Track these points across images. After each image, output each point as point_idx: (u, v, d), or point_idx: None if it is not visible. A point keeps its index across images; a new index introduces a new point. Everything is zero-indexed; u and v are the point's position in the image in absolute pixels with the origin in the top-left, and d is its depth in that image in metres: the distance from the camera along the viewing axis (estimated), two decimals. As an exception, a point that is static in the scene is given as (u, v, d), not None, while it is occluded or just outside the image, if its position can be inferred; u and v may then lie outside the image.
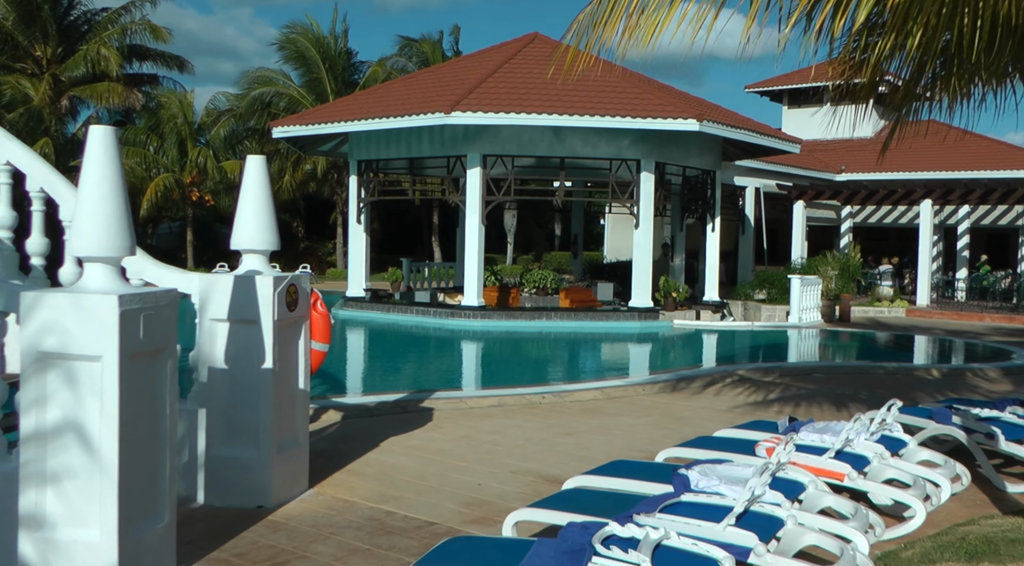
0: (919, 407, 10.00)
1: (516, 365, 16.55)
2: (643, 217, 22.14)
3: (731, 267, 37.81)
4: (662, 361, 17.95)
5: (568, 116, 20.08)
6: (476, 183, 21.39)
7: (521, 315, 21.43)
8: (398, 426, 9.86)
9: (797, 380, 14.22)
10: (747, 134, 22.88)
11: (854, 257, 28.28)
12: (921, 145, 35.81)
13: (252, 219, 6.77)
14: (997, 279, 31.70)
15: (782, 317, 25.75)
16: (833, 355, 19.23)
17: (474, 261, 21.59)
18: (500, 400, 11.44)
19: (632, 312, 22.02)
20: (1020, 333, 23.32)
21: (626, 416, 11.02)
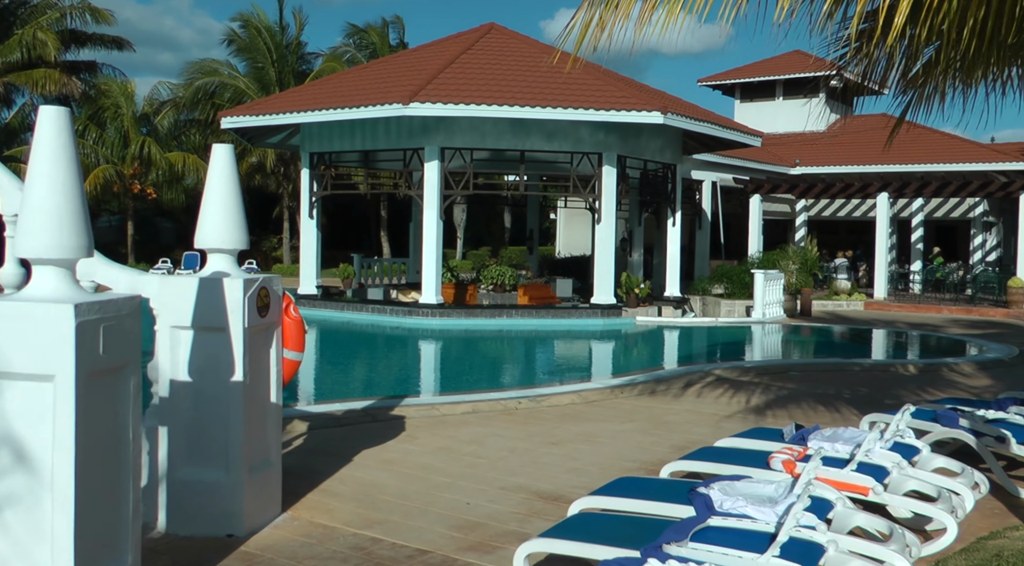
0: (920, 408, 9.53)
1: (484, 367, 15.87)
2: (605, 212, 21.58)
3: (687, 261, 37.49)
4: (633, 360, 17.38)
5: (530, 108, 19.44)
6: (434, 177, 20.67)
7: (481, 313, 20.76)
8: (370, 437, 9.16)
9: (775, 379, 13.75)
10: (709, 127, 22.43)
11: (811, 251, 28.02)
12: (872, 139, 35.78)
13: (219, 215, 6.04)
14: (951, 271, 31.70)
15: (742, 312, 25.39)
16: (805, 352, 18.84)
17: (432, 257, 20.88)
18: (474, 406, 10.78)
19: (594, 309, 21.45)
20: (980, 325, 23.17)
21: (609, 422, 10.42)
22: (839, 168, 34.71)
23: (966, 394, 12.95)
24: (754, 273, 23.11)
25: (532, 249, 31.40)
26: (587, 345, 19.49)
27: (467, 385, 13.18)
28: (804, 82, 40.34)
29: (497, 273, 24.03)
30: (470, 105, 19.22)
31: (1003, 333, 21.30)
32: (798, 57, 41.86)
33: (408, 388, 12.90)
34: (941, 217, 34.74)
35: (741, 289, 26.39)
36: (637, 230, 28.04)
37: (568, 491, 7.51)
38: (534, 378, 14.10)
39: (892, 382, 13.85)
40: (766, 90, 41.29)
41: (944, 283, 30.85)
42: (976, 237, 33.80)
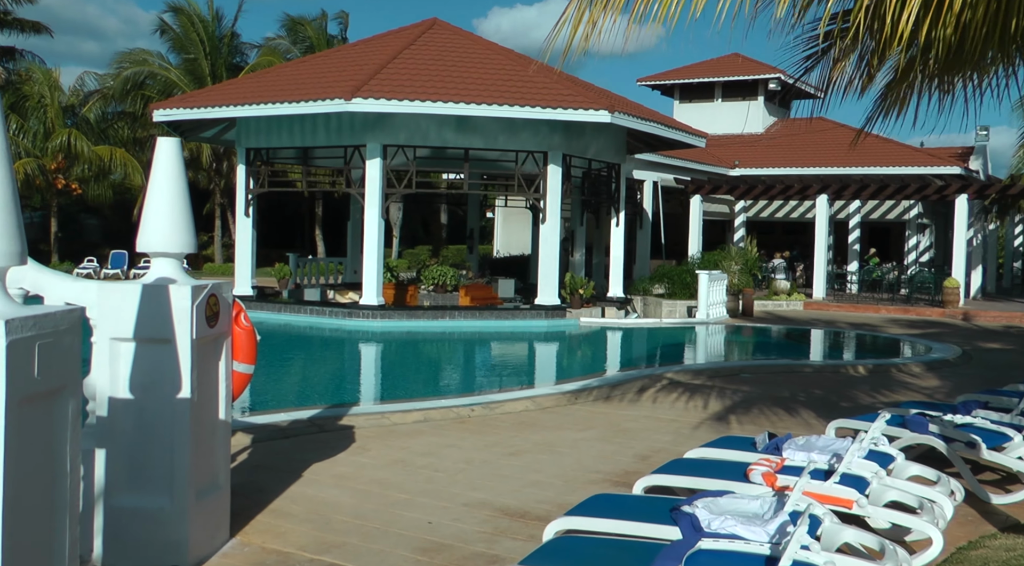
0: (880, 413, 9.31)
1: (431, 371, 15.38)
2: (551, 211, 21.24)
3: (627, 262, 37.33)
4: (582, 364, 17.03)
5: (476, 105, 19.00)
6: (376, 175, 20.13)
7: (423, 314, 20.28)
8: (319, 449, 8.67)
9: (728, 382, 13.52)
10: (656, 127, 22.21)
11: (752, 251, 28.01)
12: (809, 142, 35.94)
13: (165, 216, 5.52)
14: (886, 271, 31.97)
15: (683, 312, 25.24)
16: (753, 353, 18.66)
17: (374, 257, 20.34)
18: (425, 414, 10.33)
19: (539, 310, 21.09)
20: (918, 324, 23.30)
21: (567, 430, 10.04)
22: (778, 170, 34.85)
23: (919, 395, 12.84)
24: (698, 274, 22.96)
25: (472, 248, 30.97)
26: (534, 347, 19.13)
27: (415, 391, 12.71)
28: (743, 85, 40.50)
29: (438, 273, 23.56)
30: (414, 101, 18.73)
31: (942, 332, 21.40)
32: (737, 59, 42.04)
33: (355, 395, 12.38)
34: (877, 219, 35.07)
35: (682, 289, 26.25)
36: (579, 230, 27.75)
37: (534, 506, 7.12)
38: (484, 383, 13.66)
39: (844, 384, 13.70)
40: (705, 91, 41.36)
41: (880, 283, 31.08)
42: (911, 238, 34.17)
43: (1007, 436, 8.23)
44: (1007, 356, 17.56)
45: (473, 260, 30.32)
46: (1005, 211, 33.78)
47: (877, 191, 28.55)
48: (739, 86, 40.62)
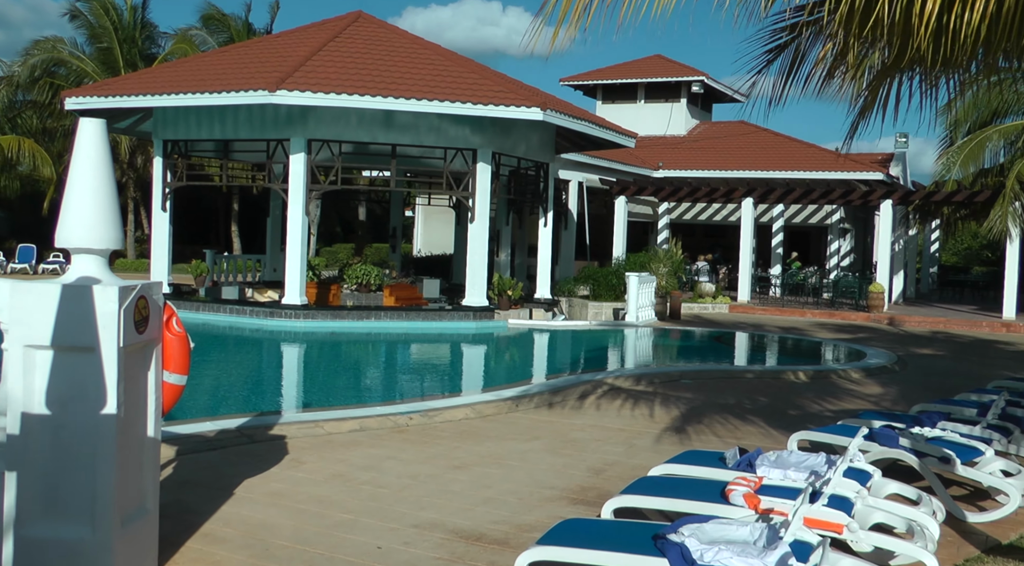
0: (846, 424, 8.98)
1: (361, 375, 14.63)
2: (480, 210, 20.67)
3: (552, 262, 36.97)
4: (516, 367, 16.48)
5: (405, 100, 18.33)
6: (300, 170, 19.33)
7: (347, 315, 19.54)
8: (250, 463, 8.00)
9: (670, 388, 13.14)
10: (587, 126, 21.80)
11: (676, 253, 27.79)
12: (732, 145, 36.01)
13: (89, 206, 4.85)
14: (808, 275, 32.12)
15: (608, 314, 24.93)
16: (689, 357, 18.31)
17: (297, 255, 19.53)
18: (361, 423, 9.70)
19: (466, 311, 20.52)
20: (846, 328, 23.33)
21: (512, 440, 9.51)
22: (701, 172, 34.82)
23: (864, 403, 12.62)
24: (627, 276, 22.61)
25: (395, 247, 30.19)
26: (465, 350, 18.54)
27: (347, 397, 12.00)
28: (667, 86, 40.45)
29: (362, 272, 22.84)
30: (341, 95, 17.98)
31: (872, 337, 21.41)
32: (659, 62, 42.01)
33: (284, 401, 11.62)
34: (799, 223, 35.27)
35: (608, 291, 25.93)
36: (504, 230, 27.24)
37: (490, 528, 6.58)
38: (419, 389, 13.00)
39: (788, 390, 13.43)
40: (628, 93, 41.21)
41: (802, 287, 31.19)
42: (833, 243, 34.42)
43: (978, 450, 7.95)
44: (942, 362, 17.53)
45: (396, 259, 29.59)
46: (927, 217, 34.22)
47: (803, 195, 28.62)
48: (662, 88, 40.57)
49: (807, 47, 8.87)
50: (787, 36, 8.62)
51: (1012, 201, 24.65)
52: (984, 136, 26.31)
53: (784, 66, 8.94)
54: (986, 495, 8.09)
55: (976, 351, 19.82)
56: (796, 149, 35.77)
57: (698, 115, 41.89)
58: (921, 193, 27.28)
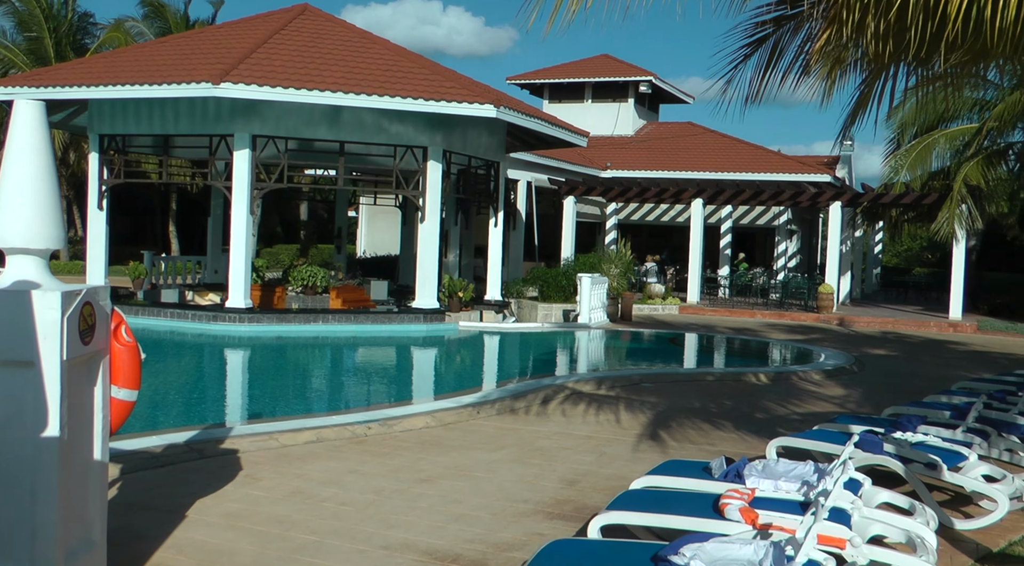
0: (823, 429, 8.66)
1: (312, 382, 13.98)
2: (430, 210, 20.15)
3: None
4: (472, 372, 15.98)
5: (355, 95, 17.75)
6: (244, 167, 18.64)
7: (293, 318, 18.89)
8: (202, 480, 7.45)
9: (632, 392, 12.78)
10: (540, 124, 21.38)
11: (626, 254, 27.48)
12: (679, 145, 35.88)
13: (27, 200, 4.29)
14: (756, 275, 32.06)
15: (559, 316, 24.58)
16: (647, 360, 17.98)
17: (241, 257, 18.83)
18: (318, 433, 9.17)
19: (416, 313, 19.98)
20: (797, 329, 23.22)
21: (477, 449, 9.05)
22: (649, 173, 34.60)
23: (829, 404, 12.37)
24: (580, 277, 22.23)
25: (341, 248, 29.46)
26: (417, 354, 18.01)
27: (300, 405, 11.41)
28: (614, 86, 40.23)
29: (308, 274, 22.18)
30: (288, 89, 17.35)
31: (825, 338, 21.30)
32: (606, 61, 41.79)
33: (234, 412, 10.98)
34: (747, 224, 35.23)
35: (557, 292, 25.57)
36: (453, 230, 26.73)
37: (465, 548, 6.13)
38: (375, 395, 12.43)
39: (750, 393, 13.15)
40: (575, 92, 40.92)
41: (750, 288, 31.10)
42: (780, 244, 34.42)
43: (962, 455, 7.67)
44: (897, 363, 17.41)
45: (342, 260, 28.89)
46: (874, 219, 34.37)
47: (752, 196, 28.51)
48: (610, 87, 40.33)
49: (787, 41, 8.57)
50: (769, 29, 8.30)
51: (959, 204, 24.76)
52: (931, 140, 26.44)
53: (762, 61, 8.64)
54: (968, 500, 7.84)
55: (928, 351, 19.78)
56: (744, 151, 35.73)
57: (645, 115, 41.73)
58: (870, 195, 27.30)
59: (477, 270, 33.45)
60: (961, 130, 26.68)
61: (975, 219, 24.79)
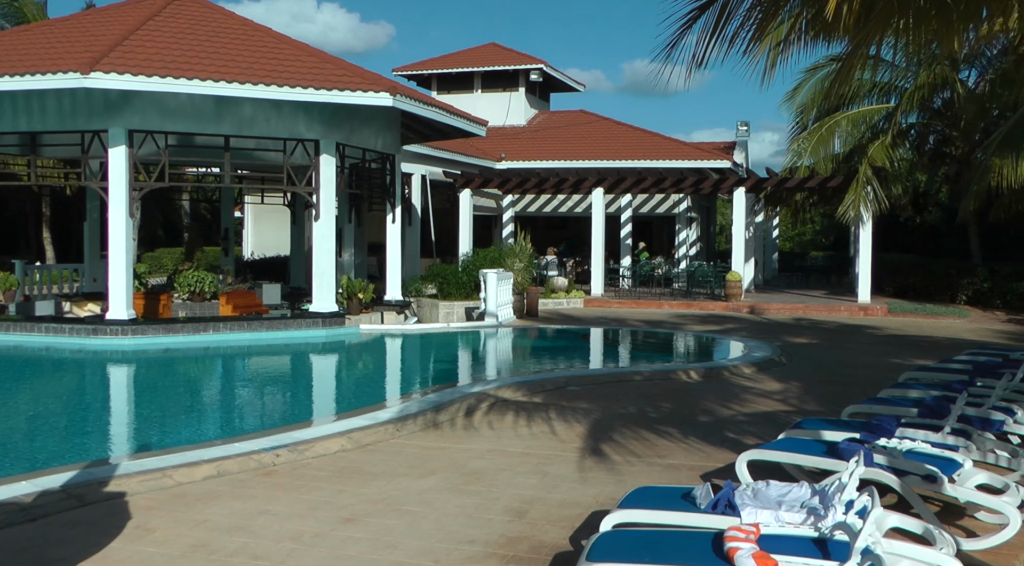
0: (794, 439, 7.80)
1: (206, 401, 12.43)
2: (325, 207, 18.85)
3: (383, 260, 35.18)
4: (382, 381, 14.74)
5: (240, 84, 16.35)
6: (121, 165, 17.04)
7: (181, 328, 17.37)
8: (82, 536, 6.19)
9: (559, 397, 11.83)
10: (438, 113, 20.26)
11: (526, 247, 26.45)
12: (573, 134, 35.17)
13: None
14: (657, 265, 31.54)
15: (462, 315, 23.58)
16: (567, 359, 16.97)
17: (122, 263, 17.23)
18: (218, 466, 7.95)
19: (314, 318, 18.66)
20: (710, 319, 22.66)
21: (404, 476, 7.95)
22: (545, 163, 33.76)
23: (770, 401, 11.64)
24: (486, 273, 21.17)
25: (228, 250, 27.74)
26: (319, 362, 16.73)
27: (195, 431, 10.01)
28: (504, 75, 39.30)
29: (195, 279, 20.69)
30: (166, 78, 15.85)
31: (740, 327, 20.75)
32: (495, 50, 40.85)
33: (120, 443, 9.51)
34: (646, 213, 34.68)
35: (458, 289, 24.56)
36: (347, 227, 25.38)
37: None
38: (279, 415, 11.07)
39: (685, 393, 12.32)
40: (464, 82, 39.84)
41: (652, 278, 30.52)
42: (681, 232, 33.96)
43: (956, 462, 6.90)
44: (822, 352, 16.85)
45: (230, 263, 27.24)
46: (777, 204, 34.19)
47: (654, 184, 27.87)
48: (500, 77, 39.37)
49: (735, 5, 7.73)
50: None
51: (864, 186, 24.54)
52: (833, 122, 26.17)
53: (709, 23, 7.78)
54: (959, 511, 7.08)
55: (847, 337, 19.36)
56: (641, 138, 35.17)
57: (536, 105, 40.91)
58: (774, 180, 26.94)
59: (371, 269, 32.15)
60: (864, 111, 26.49)
61: (881, 201, 24.58)
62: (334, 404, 11.85)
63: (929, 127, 27.72)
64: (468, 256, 26.85)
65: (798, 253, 46.35)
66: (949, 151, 27.84)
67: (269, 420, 10.58)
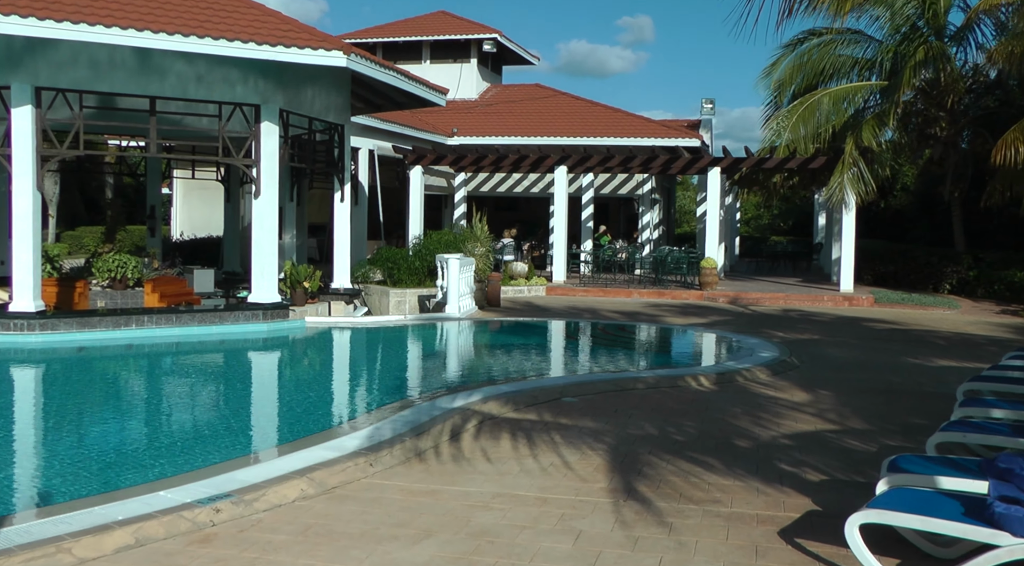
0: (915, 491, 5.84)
1: (124, 426, 9.68)
2: (266, 182, 16.53)
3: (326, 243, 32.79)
4: (341, 390, 12.35)
5: (168, 35, 13.94)
6: (26, 128, 14.54)
7: (99, 322, 14.92)
8: None
9: (559, 413, 9.81)
10: (395, 77, 17.99)
11: (482, 230, 24.23)
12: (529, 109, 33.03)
13: None
14: (621, 249, 29.63)
15: (414, 304, 21.41)
16: (553, 361, 14.78)
17: (28, 245, 14.73)
18: (137, 531, 5.77)
19: (254, 310, 16.35)
20: (691, 310, 20.82)
21: (389, 541, 5.86)
22: (500, 139, 31.61)
23: (811, 418, 9.68)
24: (447, 259, 19.02)
25: (154, 230, 25.02)
26: (262, 365, 14.40)
27: (106, 470, 7.66)
28: (455, 45, 37.04)
29: (116, 263, 18.23)
30: (79, 24, 13.31)
31: (727, 320, 18.94)
32: (445, 18, 38.56)
33: (3, 493, 7.11)
34: (607, 194, 32.72)
35: (410, 275, 22.31)
36: (288, 206, 22.97)
37: None
38: (217, 442, 8.65)
39: (702, 404, 10.37)
40: (412, 51, 37.47)
41: (615, 263, 28.59)
42: (644, 215, 32.06)
43: None
44: (832, 351, 14.99)
45: (156, 244, 24.59)
46: (751, 187, 32.44)
47: (623, 162, 25.87)
48: (450, 46, 37.08)
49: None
50: None
51: (851, 167, 22.84)
52: (815, 99, 24.36)
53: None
54: None
55: (846, 331, 17.60)
56: (602, 114, 33.16)
57: (489, 78, 38.71)
58: (752, 160, 25.11)
59: (310, 252, 29.75)
60: (848, 88, 24.70)
61: (868, 183, 22.88)
62: (286, 426, 9.57)
63: (913, 106, 26.08)
64: (419, 239, 24.62)
65: (757, 238, 44.84)
66: (933, 132, 26.23)
67: (204, 451, 8.28)
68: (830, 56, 26.12)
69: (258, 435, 9.34)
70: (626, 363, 14.18)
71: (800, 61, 26.21)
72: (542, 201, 34.56)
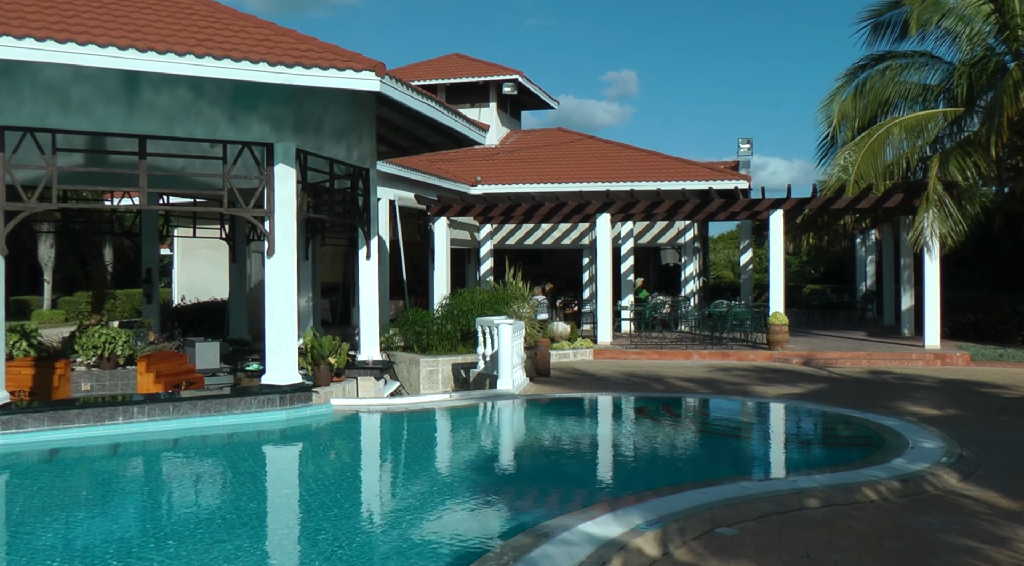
0: None
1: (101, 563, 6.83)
2: (281, 236, 13.61)
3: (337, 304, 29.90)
4: (389, 515, 9.10)
5: (159, 54, 11.08)
6: (-17, 179, 11.70)
7: (76, 417, 11.89)
8: None
9: (726, 553, 6.79)
10: (436, 109, 15.18)
11: (522, 288, 21.26)
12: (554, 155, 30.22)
13: None
14: (662, 303, 26.74)
15: (447, 374, 18.48)
16: (654, 457, 11.20)
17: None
18: None
19: (271, 393, 13.30)
20: (769, 376, 17.79)
21: None
22: (529, 186, 28.85)
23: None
24: (498, 324, 16.03)
25: (151, 296, 21.89)
26: (280, 473, 11.12)
27: None
28: (473, 88, 34.41)
29: (103, 339, 15.31)
30: (46, 41, 10.54)
31: (820, 388, 15.95)
32: (460, 60, 36.02)
33: None
34: (646, 244, 29.85)
35: (440, 341, 19.35)
36: (304, 265, 20.07)
37: None
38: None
39: (918, 536, 7.33)
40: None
41: (657, 320, 25.67)
42: (688, 265, 29.17)
43: None
44: (992, 433, 11.97)
45: (153, 312, 21.51)
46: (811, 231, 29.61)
47: (674, 206, 23.05)
48: (468, 89, 34.45)
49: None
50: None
51: (936, 205, 20.03)
52: (883, 130, 21.62)
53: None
54: None
55: (980, 404, 14.55)
56: (637, 157, 30.43)
57: (508, 122, 36.08)
58: (819, 200, 22.27)
59: (323, 314, 26.88)
60: (921, 116, 21.94)
61: (958, 222, 20.06)
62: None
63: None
64: (446, 298, 21.68)
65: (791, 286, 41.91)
66: (1014, 163, 23.46)
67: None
68: (895, 83, 23.40)
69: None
70: (762, 462, 11.09)
71: (860, 90, 23.52)
72: (569, 254, 31.77)
